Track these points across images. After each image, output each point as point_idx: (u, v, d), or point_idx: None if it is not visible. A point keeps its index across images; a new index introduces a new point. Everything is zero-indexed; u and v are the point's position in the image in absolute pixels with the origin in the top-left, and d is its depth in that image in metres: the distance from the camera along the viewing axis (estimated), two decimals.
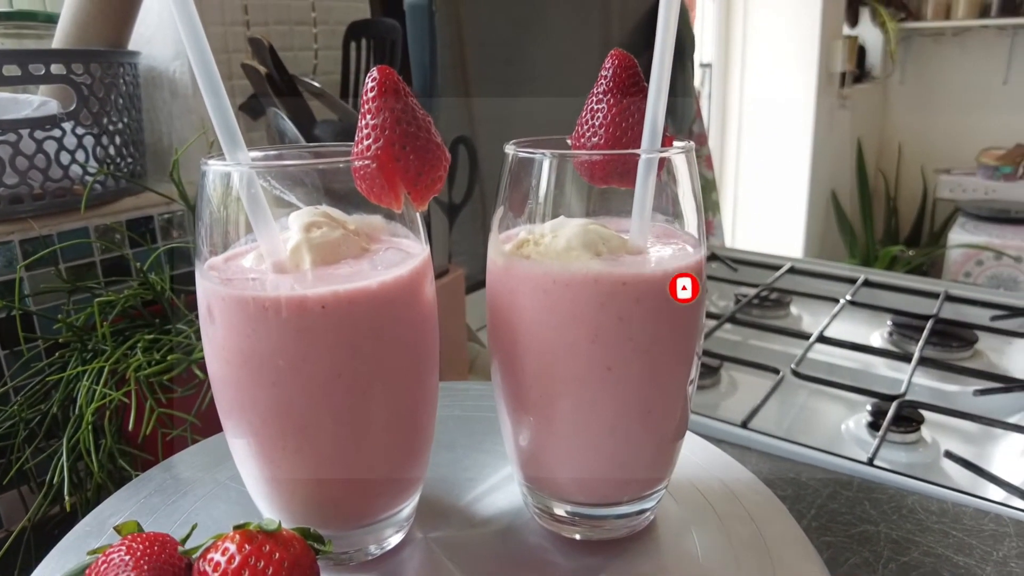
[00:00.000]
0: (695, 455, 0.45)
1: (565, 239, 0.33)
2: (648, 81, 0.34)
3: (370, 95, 0.30)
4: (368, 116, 0.30)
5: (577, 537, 0.36)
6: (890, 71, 3.26)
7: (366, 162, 0.30)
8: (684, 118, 1.55)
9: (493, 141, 1.10)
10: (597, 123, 0.34)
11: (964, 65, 3.24)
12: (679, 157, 0.34)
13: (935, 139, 3.34)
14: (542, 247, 0.33)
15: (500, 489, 0.41)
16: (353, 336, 0.31)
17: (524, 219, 0.35)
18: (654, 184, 0.33)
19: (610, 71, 0.34)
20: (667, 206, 0.35)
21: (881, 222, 3.38)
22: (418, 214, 0.34)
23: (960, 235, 2.73)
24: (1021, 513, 0.67)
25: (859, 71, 3.07)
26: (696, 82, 2.49)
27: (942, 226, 3.10)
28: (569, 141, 0.36)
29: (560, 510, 0.36)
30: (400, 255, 0.33)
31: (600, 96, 0.34)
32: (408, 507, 0.37)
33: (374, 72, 0.30)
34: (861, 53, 3.08)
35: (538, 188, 0.34)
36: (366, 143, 0.30)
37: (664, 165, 0.34)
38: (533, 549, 0.36)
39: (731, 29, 2.62)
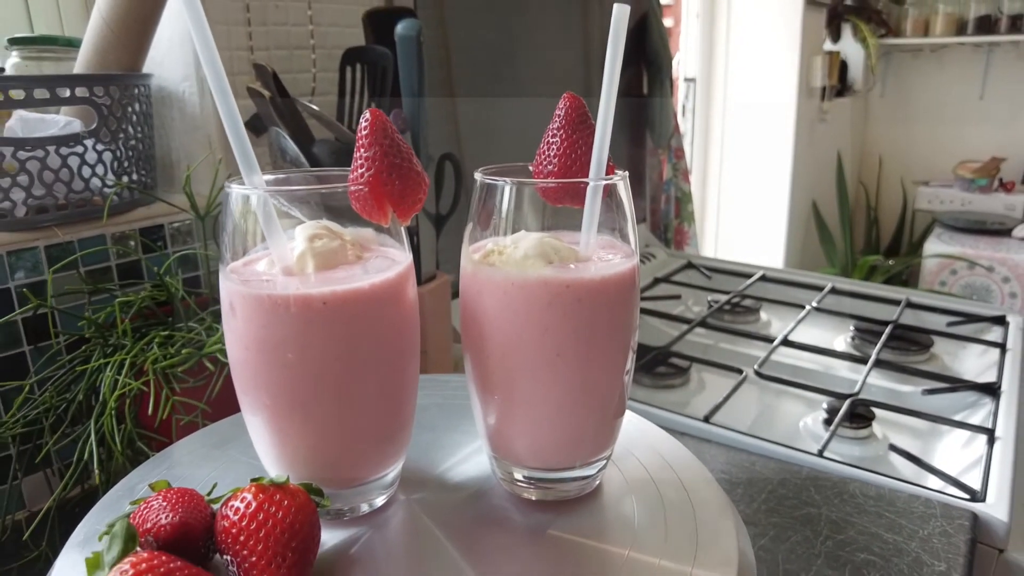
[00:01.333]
0: (643, 436, 0.51)
1: (523, 250, 0.39)
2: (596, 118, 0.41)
3: (363, 132, 0.37)
4: (362, 149, 0.37)
5: (533, 498, 0.43)
6: (871, 85, 3.36)
7: (360, 187, 0.37)
8: (663, 133, 1.63)
9: (477, 157, 1.17)
10: (552, 154, 0.41)
11: (942, 80, 3.34)
12: (620, 183, 0.41)
13: (914, 151, 3.43)
14: (504, 256, 0.40)
15: (471, 460, 0.48)
16: (348, 328, 0.38)
17: (490, 232, 0.42)
18: (599, 205, 0.41)
19: (563, 111, 0.41)
20: (611, 222, 0.42)
21: (862, 232, 3.46)
22: (403, 227, 0.41)
23: (936, 245, 2.81)
24: (948, 497, 0.74)
25: (841, 85, 3.16)
26: (680, 96, 2.58)
27: (921, 236, 3.18)
28: (530, 168, 0.43)
29: (519, 475, 0.43)
30: (387, 262, 0.40)
31: (555, 131, 0.41)
32: (393, 472, 0.43)
33: (367, 114, 0.37)
34: (843, 68, 3.17)
35: (501, 208, 0.41)
36: (360, 171, 0.37)
37: (608, 189, 0.41)
38: (496, 508, 0.43)
39: (715, 44, 2.70)
